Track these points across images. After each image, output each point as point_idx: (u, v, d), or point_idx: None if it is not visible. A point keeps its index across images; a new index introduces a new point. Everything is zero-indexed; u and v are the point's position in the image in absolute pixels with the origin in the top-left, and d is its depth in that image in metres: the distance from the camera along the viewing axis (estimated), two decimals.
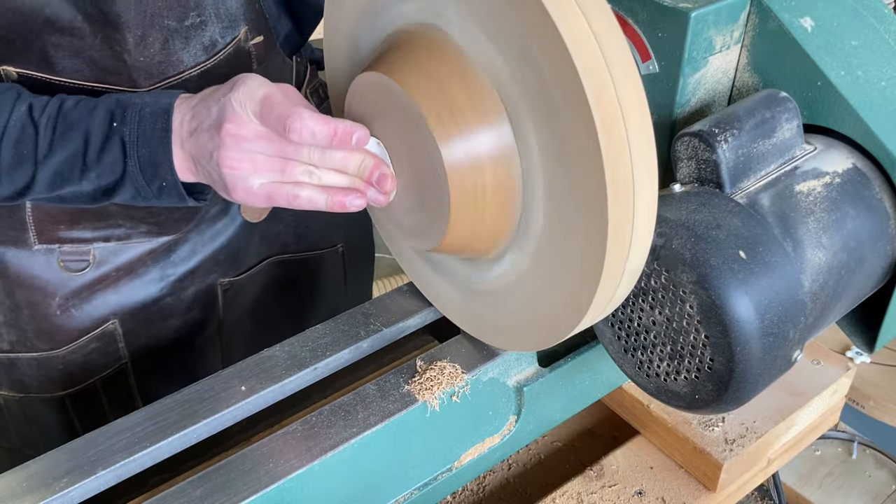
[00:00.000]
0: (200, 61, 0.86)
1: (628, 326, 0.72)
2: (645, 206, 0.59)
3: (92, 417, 1.02)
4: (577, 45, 0.55)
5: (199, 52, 0.85)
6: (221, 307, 1.05)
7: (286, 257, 1.10)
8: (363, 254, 1.25)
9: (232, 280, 1.04)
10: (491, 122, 0.62)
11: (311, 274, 1.15)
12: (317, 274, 1.16)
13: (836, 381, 1.01)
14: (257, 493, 0.68)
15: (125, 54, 0.81)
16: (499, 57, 0.60)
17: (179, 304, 1.01)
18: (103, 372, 1.00)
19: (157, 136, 0.72)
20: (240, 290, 1.06)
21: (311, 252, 1.12)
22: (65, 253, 0.92)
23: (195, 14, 0.83)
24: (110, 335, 0.98)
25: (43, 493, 0.67)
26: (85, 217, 0.91)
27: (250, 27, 0.89)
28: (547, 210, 0.63)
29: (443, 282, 0.79)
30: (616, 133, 0.56)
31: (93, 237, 0.93)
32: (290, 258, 1.10)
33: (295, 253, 1.10)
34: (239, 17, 0.87)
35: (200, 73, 0.86)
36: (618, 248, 0.59)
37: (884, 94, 0.75)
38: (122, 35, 0.79)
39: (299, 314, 1.16)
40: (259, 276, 1.08)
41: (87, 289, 0.95)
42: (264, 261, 1.07)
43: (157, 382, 1.04)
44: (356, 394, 0.76)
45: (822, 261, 0.70)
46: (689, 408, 0.71)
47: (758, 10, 0.76)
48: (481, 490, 0.99)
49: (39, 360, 0.97)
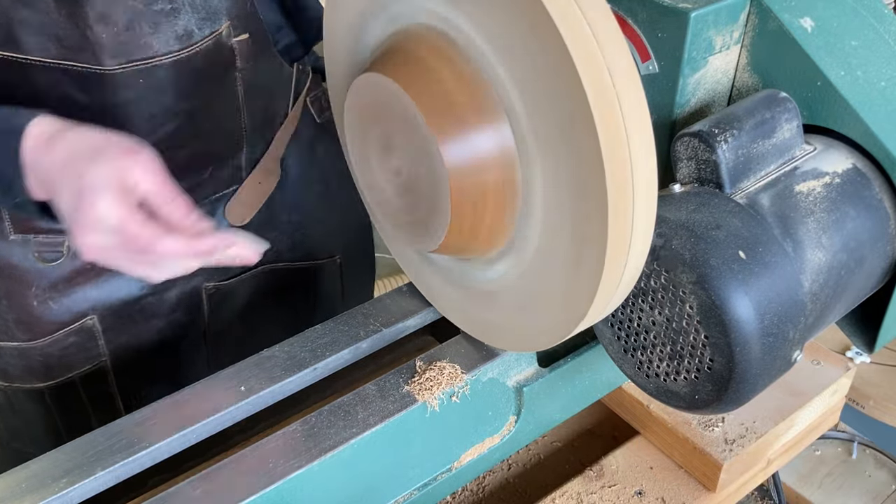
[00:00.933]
0: (173, 50, 0.85)
1: (628, 327, 0.72)
2: (645, 206, 0.59)
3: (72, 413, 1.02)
4: (577, 47, 0.55)
5: (172, 40, 0.84)
6: (207, 312, 1.04)
7: (280, 266, 1.09)
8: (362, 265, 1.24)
9: (217, 285, 1.03)
10: (491, 123, 0.62)
11: (307, 284, 1.14)
12: (313, 285, 1.14)
13: (836, 382, 1.01)
14: (257, 493, 0.68)
15: (88, 31, 0.80)
16: (499, 58, 0.60)
17: (162, 305, 1.00)
18: (82, 368, 0.99)
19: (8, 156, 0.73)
20: (227, 296, 1.05)
21: (306, 262, 1.12)
22: (39, 244, 0.92)
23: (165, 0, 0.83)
24: (89, 331, 0.97)
25: (42, 494, 0.67)
26: None
27: (234, 23, 0.88)
28: (546, 211, 0.63)
29: (442, 282, 0.79)
30: (616, 134, 0.56)
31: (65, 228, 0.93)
32: (285, 267, 1.09)
33: (290, 262, 1.09)
34: (220, 10, 0.86)
35: (173, 61, 0.85)
36: (618, 248, 0.59)
37: (884, 94, 0.75)
38: (83, 10, 0.79)
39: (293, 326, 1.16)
40: (249, 284, 1.07)
41: (65, 281, 0.95)
42: (256, 268, 1.06)
43: (138, 384, 1.03)
44: (356, 394, 0.76)
45: (821, 261, 0.70)
46: (688, 408, 0.71)
47: (758, 11, 0.76)
48: (481, 490, 0.99)
49: (20, 349, 0.97)
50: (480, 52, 0.61)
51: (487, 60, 0.61)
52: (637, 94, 0.57)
